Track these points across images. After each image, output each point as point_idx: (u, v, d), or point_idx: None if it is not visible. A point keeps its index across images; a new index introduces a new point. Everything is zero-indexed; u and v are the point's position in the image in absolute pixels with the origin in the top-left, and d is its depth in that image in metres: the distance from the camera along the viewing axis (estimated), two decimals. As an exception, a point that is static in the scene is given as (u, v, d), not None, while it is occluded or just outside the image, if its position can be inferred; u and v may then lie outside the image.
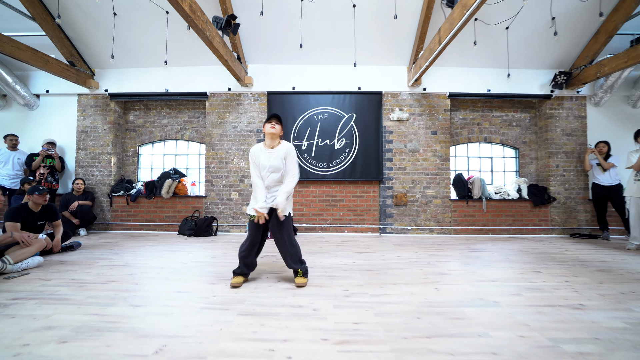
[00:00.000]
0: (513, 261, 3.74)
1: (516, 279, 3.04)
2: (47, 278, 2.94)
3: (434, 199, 5.57)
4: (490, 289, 2.72)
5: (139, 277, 3.00)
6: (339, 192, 5.61)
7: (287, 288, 2.73)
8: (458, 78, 5.60)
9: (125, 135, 6.18)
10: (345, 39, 5.14)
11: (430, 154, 5.59)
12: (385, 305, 2.37)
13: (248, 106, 5.66)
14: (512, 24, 4.78)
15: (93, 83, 5.73)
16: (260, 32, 5.07)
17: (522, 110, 5.99)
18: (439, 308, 2.32)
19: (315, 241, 4.92)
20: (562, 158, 5.60)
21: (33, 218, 3.85)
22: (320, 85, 5.59)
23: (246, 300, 2.44)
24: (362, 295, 2.57)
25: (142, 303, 2.35)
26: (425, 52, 4.47)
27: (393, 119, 5.56)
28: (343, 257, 3.92)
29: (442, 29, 3.77)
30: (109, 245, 4.54)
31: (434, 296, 2.57)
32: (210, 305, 2.34)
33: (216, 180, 5.64)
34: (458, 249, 4.48)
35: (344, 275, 3.14)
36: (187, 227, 5.30)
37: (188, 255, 3.93)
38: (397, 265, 3.55)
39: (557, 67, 5.54)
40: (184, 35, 5.07)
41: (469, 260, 3.76)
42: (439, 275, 3.14)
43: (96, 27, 5.13)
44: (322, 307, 2.32)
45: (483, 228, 5.59)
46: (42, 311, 2.19)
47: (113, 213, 5.76)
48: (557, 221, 5.57)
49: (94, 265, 3.43)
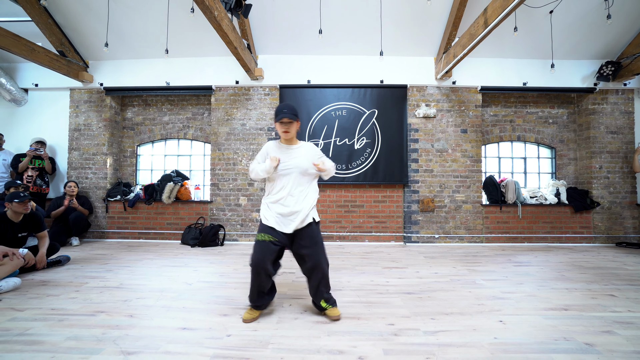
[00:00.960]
0: (571, 280, 3.19)
1: (592, 307, 2.49)
2: (20, 308, 2.41)
3: (464, 204, 5.02)
4: (569, 323, 2.18)
5: (134, 305, 2.47)
6: (359, 197, 5.06)
7: (318, 322, 2.20)
8: (491, 70, 5.05)
9: (122, 134, 5.65)
10: (368, 26, 4.59)
11: (460, 154, 5.04)
12: (448, 349, 1.84)
13: (258, 101, 5.11)
14: (558, 6, 4.22)
15: (86, 76, 5.20)
16: (272, 17, 4.53)
17: (559, 106, 5.43)
18: (519, 354, 1.78)
19: (334, 252, 4.37)
20: (606, 158, 5.04)
21: (12, 229, 3.33)
22: (338, 78, 5.04)
23: (269, 342, 1.90)
24: (414, 334, 2.03)
25: (137, 348, 1.82)
26: (463, 39, 3.91)
27: (419, 115, 5.01)
28: (372, 273, 3.38)
29: (491, 8, 3.21)
30: (102, 258, 4.01)
31: (503, 333, 2.03)
32: (224, 350, 1.80)
33: (223, 184, 5.10)
34: (498, 261, 3.95)
35: (381, 301, 2.60)
36: (191, 236, 4.76)
37: (193, 272, 3.40)
38: (438, 285, 3.01)
39: (603, 57, 4.97)
40: (187, 21, 4.54)
41: (520, 279, 3.22)
42: (495, 301, 2.61)
43: (89, 12, 4.60)
44: (369, 355, 1.78)
45: (518, 236, 5.04)
46: (3, 363, 1.66)
47: (109, 220, 5.23)
48: (600, 228, 5.01)
49: (82, 287, 2.89)
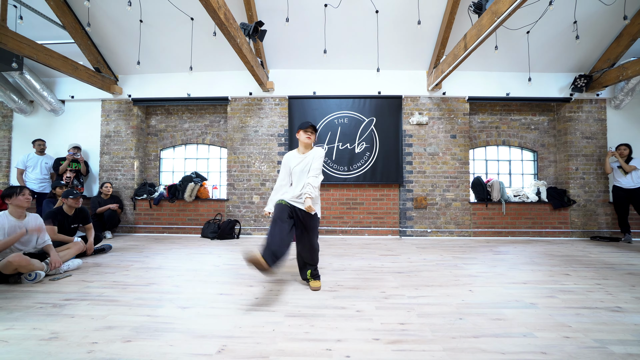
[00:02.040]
0: (539, 264, 3.76)
1: (547, 281, 3.07)
2: (89, 280, 3.04)
3: (453, 202, 5.60)
4: (524, 291, 2.77)
5: (177, 279, 3.08)
6: (359, 195, 5.66)
7: (325, 290, 2.79)
8: (477, 82, 5.64)
9: (147, 140, 6.30)
10: (367, 44, 5.21)
11: (450, 157, 5.63)
12: (424, 306, 2.43)
13: (269, 110, 5.74)
14: (533, 28, 4.83)
15: (117, 88, 5.86)
16: (282, 37, 5.16)
17: (540, 114, 6.01)
18: (478, 309, 2.37)
19: (338, 244, 4.97)
20: (581, 161, 5.61)
21: (68, 221, 3.96)
22: (340, 90, 5.66)
23: (289, 302, 2.51)
24: (400, 297, 2.62)
25: (189, 305, 2.43)
26: (448, 58, 4.52)
27: (413, 122, 5.62)
28: (370, 259, 3.97)
29: (469, 35, 3.82)
30: (136, 247, 4.64)
31: (470, 298, 2.62)
32: (255, 307, 2.40)
33: (238, 184, 5.73)
34: (481, 251, 4.52)
35: (376, 277, 3.20)
36: (210, 230, 5.38)
37: (217, 258, 4.01)
38: (425, 267, 3.59)
39: (577, 71, 5.56)
40: (206, 41, 5.18)
41: (495, 263, 3.80)
42: (470, 278, 3.19)
43: (122, 34, 5.26)
44: (364, 309, 2.37)
45: (502, 230, 5.61)
46: (97, 312, 2.27)
47: (136, 216, 5.87)
48: (577, 224, 5.58)
49: (130, 267, 3.51)
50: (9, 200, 3.10)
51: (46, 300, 2.49)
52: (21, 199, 3.11)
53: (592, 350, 1.80)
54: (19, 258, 2.83)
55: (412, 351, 1.77)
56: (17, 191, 3.12)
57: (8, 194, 3.10)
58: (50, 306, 2.38)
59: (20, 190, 3.14)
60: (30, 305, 2.40)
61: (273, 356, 1.71)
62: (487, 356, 1.72)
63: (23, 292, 2.70)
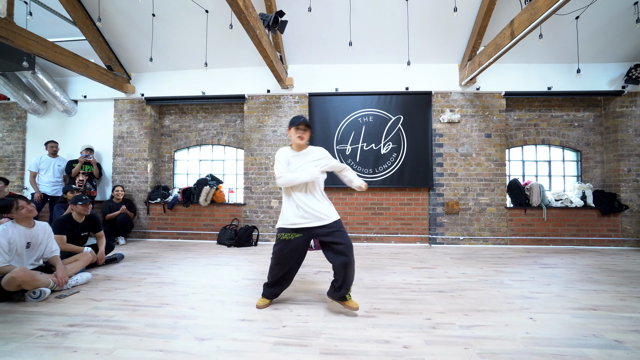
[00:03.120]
0: (600, 282, 3.29)
1: (621, 307, 2.61)
2: (98, 298, 2.75)
3: (488, 207, 5.13)
4: (599, 322, 2.33)
5: (192, 299, 2.76)
6: (385, 200, 5.25)
7: (360, 315, 2.42)
8: (515, 75, 5.15)
9: (160, 141, 6.06)
10: (394, 36, 4.79)
11: (484, 158, 5.16)
12: (483, 341, 2.03)
13: (288, 109, 5.39)
14: (584, 12, 4.30)
15: (129, 87, 5.62)
16: (303, 30, 4.79)
17: (585, 109, 5.46)
18: (551, 347, 1.96)
19: (363, 253, 4.59)
20: (635, 161, 5.05)
21: (77, 229, 3.72)
22: (365, 86, 5.26)
23: (321, 332, 2.15)
24: (450, 327, 2.23)
25: (208, 335, 2.10)
26: (488, 48, 4.05)
27: (443, 120, 5.17)
28: (403, 273, 3.58)
29: (517, 21, 3.36)
30: (150, 256, 4.37)
31: (534, 329, 2.20)
32: (283, 339, 2.06)
33: (255, 187, 5.40)
34: (524, 263, 4.07)
35: (415, 298, 2.81)
36: (227, 237, 5.09)
37: (236, 270, 3.69)
38: (467, 285, 3.18)
39: (631, 60, 4.98)
40: (222, 35, 4.86)
41: (547, 280, 3.35)
42: (524, 300, 2.76)
43: (134, 29, 5.00)
44: (412, 344, 2.00)
45: (543, 239, 5.11)
46: (103, 344, 1.97)
47: (150, 221, 5.63)
48: (629, 232, 5.02)
49: (142, 282, 3.23)
50: (9, 215, 2.84)
51: (48, 326, 2.21)
52: (21, 212, 2.84)
53: None
54: (23, 273, 2.57)
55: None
56: (12, 205, 2.81)
57: (4, 208, 2.82)
58: (52, 334, 2.09)
59: (14, 203, 2.83)
60: (30, 332, 2.12)
61: (313, 420, 1.35)
62: None
63: (25, 313, 2.43)
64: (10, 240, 2.74)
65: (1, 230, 2.74)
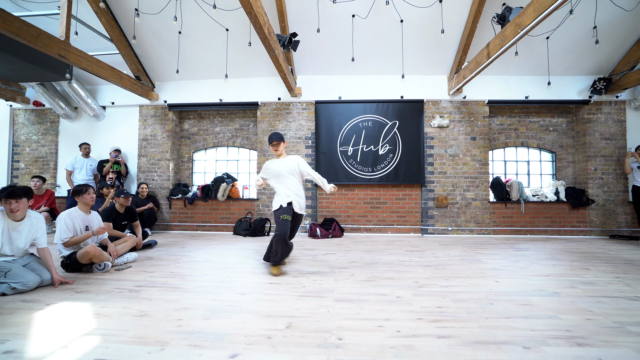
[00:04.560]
0: (560, 259, 3.97)
1: (568, 274, 3.30)
2: (149, 271, 3.40)
3: (473, 201, 5.83)
4: (547, 283, 3.01)
5: (226, 271, 3.41)
6: (383, 195, 5.94)
7: (363, 280, 3.09)
8: (497, 86, 5.86)
9: (180, 143, 6.71)
10: (391, 51, 5.49)
11: (470, 158, 5.86)
12: (457, 294, 2.70)
13: (297, 114, 6.07)
14: (553, 34, 5.02)
15: (154, 95, 6.28)
16: (311, 46, 5.47)
17: (559, 115, 6.18)
18: (506, 296, 2.63)
19: (364, 241, 5.26)
20: (600, 161, 5.76)
21: (119, 218, 4.36)
22: (365, 95, 5.95)
23: (334, 289, 2.81)
24: (432, 286, 2.90)
25: (247, 291, 2.75)
26: (470, 64, 4.76)
27: (434, 125, 5.86)
28: (398, 254, 4.25)
29: (492, 44, 4.06)
30: (177, 244, 5.01)
31: (497, 287, 2.87)
32: (306, 293, 2.71)
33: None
34: (502, 248, 4.74)
35: (407, 270, 3.48)
36: (242, 228, 5.74)
37: (255, 252, 4.34)
38: (451, 262, 3.85)
39: (596, 74, 5.72)
40: (239, 50, 5.53)
41: (517, 258, 4.02)
42: (494, 271, 3.44)
43: (162, 45, 5.67)
44: (403, 295, 2.66)
45: (521, 229, 5.80)
46: (169, 296, 2.62)
47: (172, 215, 6.27)
48: (595, 223, 5.73)
49: (180, 260, 3.88)
50: (77, 197, 3.49)
51: (122, 286, 2.85)
52: (87, 197, 3.50)
53: (612, 329, 2.04)
54: (93, 249, 3.21)
55: (452, 328, 2.05)
56: (84, 190, 3.50)
57: (77, 192, 3.49)
58: (127, 291, 2.73)
59: (86, 189, 3.52)
60: (109, 289, 2.76)
61: (335, 330, 2.01)
62: (519, 332, 1.99)
63: (98, 279, 3.08)
64: (73, 221, 3.37)
65: (67, 213, 3.39)
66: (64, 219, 3.31)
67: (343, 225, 5.85)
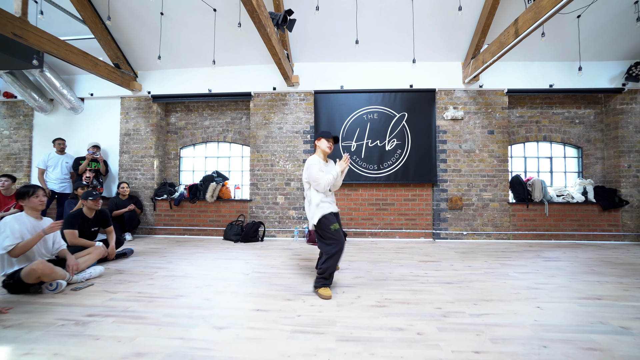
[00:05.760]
0: (602, 274, 3.36)
1: (624, 297, 2.69)
2: (112, 290, 2.81)
3: (491, 202, 5.21)
4: (604, 310, 2.40)
5: (206, 290, 2.82)
6: (390, 196, 5.32)
7: (372, 305, 2.49)
8: (517, 73, 5.21)
9: (166, 138, 6.10)
10: (399, 34, 4.85)
11: (487, 154, 5.23)
12: (494, 328, 2.10)
13: (294, 106, 5.45)
14: (585, 11, 4.37)
15: (136, 85, 5.67)
16: (309, 28, 4.84)
17: (586, 106, 5.54)
18: (560, 334, 2.03)
19: (369, 247, 4.66)
20: (635, 157, 5.13)
21: (88, 224, 3.77)
22: (369, 84, 5.32)
23: (336, 321, 2.21)
24: (460, 315, 2.30)
25: (225, 324, 2.16)
26: (492, 47, 4.12)
27: (447, 117, 5.23)
28: (410, 266, 3.65)
29: (522, 19, 3.43)
30: (158, 251, 4.42)
31: (542, 317, 2.27)
32: (299, 327, 2.12)
33: (261, 184, 5.46)
34: (527, 257, 4.13)
35: (424, 289, 2.88)
36: (233, 232, 5.14)
37: (245, 264, 3.75)
38: (474, 277, 3.25)
39: (631, 58, 5.06)
40: (229, 33, 4.91)
41: (551, 272, 3.42)
42: (531, 290, 2.83)
43: (142, 28, 5.04)
44: (425, 331, 2.06)
45: (545, 233, 5.18)
46: (124, 332, 2.03)
47: (156, 217, 5.68)
48: (630, 226, 5.10)
49: (154, 275, 3.28)
50: (22, 201, 2.89)
51: (68, 316, 2.26)
52: (34, 201, 2.89)
53: None
54: (42, 265, 2.63)
55: (504, 393, 1.45)
56: (30, 192, 2.89)
57: (22, 194, 2.88)
58: (72, 324, 2.15)
59: (33, 191, 2.90)
60: (51, 322, 2.17)
61: (337, 398, 1.42)
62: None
63: (44, 304, 2.49)
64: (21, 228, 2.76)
65: (13, 216, 2.79)
66: (10, 223, 2.70)
67: (345, 230, 5.23)
